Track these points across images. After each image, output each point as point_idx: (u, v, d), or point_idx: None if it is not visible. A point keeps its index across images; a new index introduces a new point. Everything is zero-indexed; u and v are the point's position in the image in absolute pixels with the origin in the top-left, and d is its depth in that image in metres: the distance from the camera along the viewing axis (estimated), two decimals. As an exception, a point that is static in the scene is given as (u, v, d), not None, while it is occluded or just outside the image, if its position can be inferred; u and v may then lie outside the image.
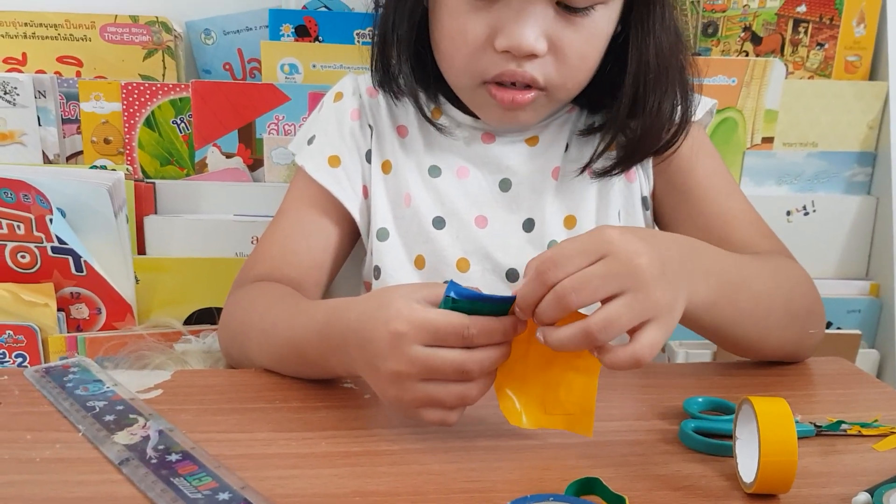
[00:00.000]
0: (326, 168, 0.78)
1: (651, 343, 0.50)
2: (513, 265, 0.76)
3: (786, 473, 0.47)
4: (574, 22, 0.67)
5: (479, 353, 0.51)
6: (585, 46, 0.69)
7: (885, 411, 0.61)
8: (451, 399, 0.52)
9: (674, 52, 0.73)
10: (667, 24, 0.72)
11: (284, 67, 1.02)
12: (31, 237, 0.90)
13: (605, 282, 0.49)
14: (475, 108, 0.75)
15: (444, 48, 0.71)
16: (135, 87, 0.99)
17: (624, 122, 0.74)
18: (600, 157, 0.75)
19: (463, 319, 0.50)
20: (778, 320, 0.66)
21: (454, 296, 0.51)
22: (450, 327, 0.50)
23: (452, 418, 0.53)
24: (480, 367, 0.51)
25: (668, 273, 0.52)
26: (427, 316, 0.51)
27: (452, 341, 0.51)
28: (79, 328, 0.94)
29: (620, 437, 0.57)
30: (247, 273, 0.77)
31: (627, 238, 0.51)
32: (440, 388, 0.52)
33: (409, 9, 0.73)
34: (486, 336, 0.51)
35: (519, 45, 0.66)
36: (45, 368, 0.64)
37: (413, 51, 0.74)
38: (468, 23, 0.68)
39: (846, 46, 1.09)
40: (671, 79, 0.73)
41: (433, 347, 0.51)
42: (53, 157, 1.00)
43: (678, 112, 0.74)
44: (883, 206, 1.10)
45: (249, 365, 0.69)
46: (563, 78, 0.70)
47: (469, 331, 0.50)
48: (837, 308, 1.08)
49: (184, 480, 0.48)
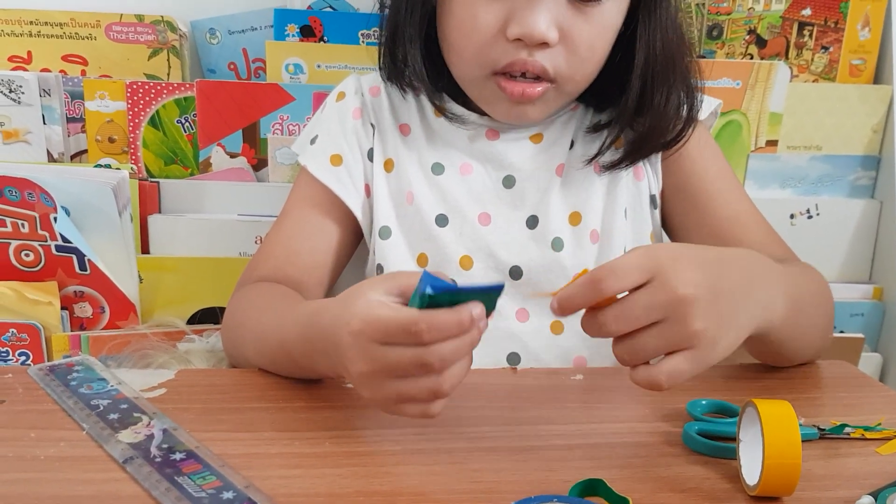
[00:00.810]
0: (328, 167, 0.78)
1: (672, 371, 0.50)
2: (516, 262, 0.76)
3: (789, 476, 0.47)
4: (585, 12, 0.68)
5: (438, 346, 0.48)
6: (595, 37, 0.69)
7: (889, 415, 0.61)
8: (423, 394, 0.50)
9: (679, 48, 0.73)
10: (672, 20, 0.72)
11: (289, 67, 1.02)
12: (35, 235, 0.90)
13: (647, 313, 0.49)
14: (482, 102, 0.75)
15: (454, 38, 0.71)
16: (139, 86, 0.99)
17: (631, 116, 0.74)
18: (607, 149, 0.76)
19: (412, 316, 0.48)
20: (820, 331, 0.68)
21: (430, 292, 0.47)
22: (397, 325, 0.48)
23: (434, 410, 0.51)
24: (441, 359, 0.48)
25: (720, 304, 0.51)
26: (379, 314, 0.49)
27: (403, 339, 0.48)
28: (82, 327, 0.94)
29: (624, 439, 0.57)
30: (250, 273, 0.77)
31: (680, 265, 0.50)
32: (409, 383, 0.50)
33: (420, 1, 0.72)
34: (436, 332, 0.47)
35: (531, 33, 0.66)
36: (49, 367, 0.64)
37: (424, 45, 0.74)
38: (480, 11, 0.68)
39: (851, 50, 1.09)
40: (678, 73, 0.73)
41: (389, 345, 0.49)
42: (58, 156, 1.00)
43: (685, 108, 0.75)
44: (886, 209, 1.10)
45: (248, 366, 0.69)
46: (573, 69, 0.70)
47: (418, 326, 0.47)
48: (841, 312, 1.08)
49: (188, 479, 0.48)
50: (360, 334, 0.50)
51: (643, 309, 0.49)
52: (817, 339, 0.69)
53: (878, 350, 1.11)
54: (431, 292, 0.47)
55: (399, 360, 0.49)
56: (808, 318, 0.65)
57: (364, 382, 0.52)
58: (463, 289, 0.48)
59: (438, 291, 0.47)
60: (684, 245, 0.55)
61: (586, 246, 0.76)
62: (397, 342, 0.49)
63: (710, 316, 0.50)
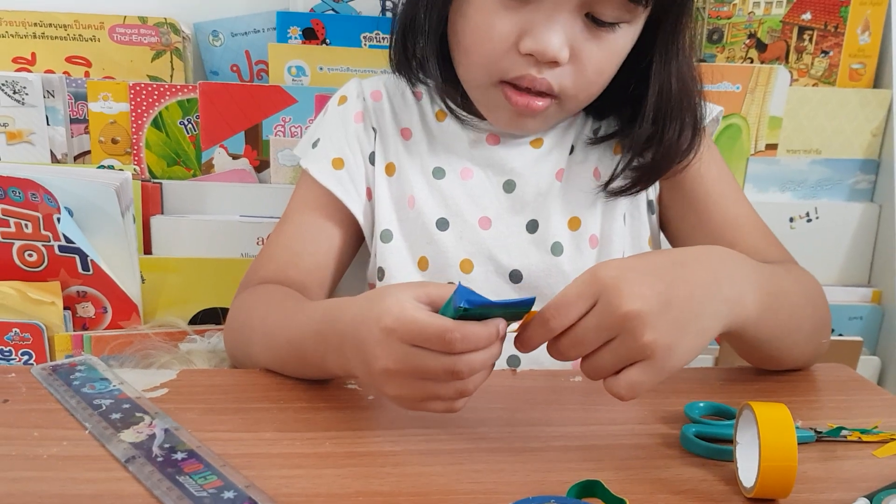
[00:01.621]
0: (330, 170, 0.78)
1: (629, 383, 0.51)
2: (517, 266, 0.76)
3: (785, 478, 0.47)
4: (599, 36, 0.68)
5: (469, 356, 0.50)
6: (604, 61, 0.70)
7: (886, 418, 0.61)
8: (450, 393, 0.52)
9: (693, 80, 0.74)
10: (686, 56, 0.73)
11: (291, 70, 1.02)
12: (38, 236, 0.90)
13: (598, 335, 0.51)
14: (485, 108, 0.75)
15: (467, 43, 0.71)
16: (143, 87, 0.99)
17: (641, 145, 0.74)
18: (618, 178, 0.76)
19: (447, 324, 0.49)
20: (806, 332, 0.67)
21: (465, 305, 0.49)
22: (433, 331, 0.50)
23: (458, 406, 0.53)
24: (470, 368, 0.51)
25: (672, 312, 0.51)
26: (415, 316, 0.50)
27: (436, 345, 0.50)
28: (85, 327, 0.95)
29: (622, 441, 0.57)
30: (252, 276, 0.77)
31: (624, 282, 0.51)
32: (437, 385, 0.52)
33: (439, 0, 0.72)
34: (469, 343, 0.50)
35: (544, 51, 0.66)
36: (52, 366, 0.65)
37: (439, 41, 0.74)
38: (497, 21, 0.68)
39: (851, 54, 1.10)
40: (689, 106, 0.74)
41: (420, 349, 0.51)
42: (61, 157, 1.01)
43: (689, 135, 0.75)
44: (886, 213, 1.10)
45: (251, 366, 0.69)
46: (577, 89, 0.70)
47: (452, 335, 0.49)
48: (839, 315, 1.08)
49: (189, 479, 0.49)
50: (391, 332, 0.51)
51: (593, 332, 0.51)
52: (804, 341, 0.68)
53: (876, 353, 1.11)
54: (467, 306, 0.49)
55: (428, 366, 0.51)
56: (791, 317, 0.64)
57: (388, 380, 0.53)
58: (496, 303, 0.50)
59: (474, 306, 0.49)
60: (636, 257, 0.56)
61: (585, 251, 0.77)
62: (427, 347, 0.50)
63: (661, 326, 0.51)
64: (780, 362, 0.69)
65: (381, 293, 0.54)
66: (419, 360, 0.51)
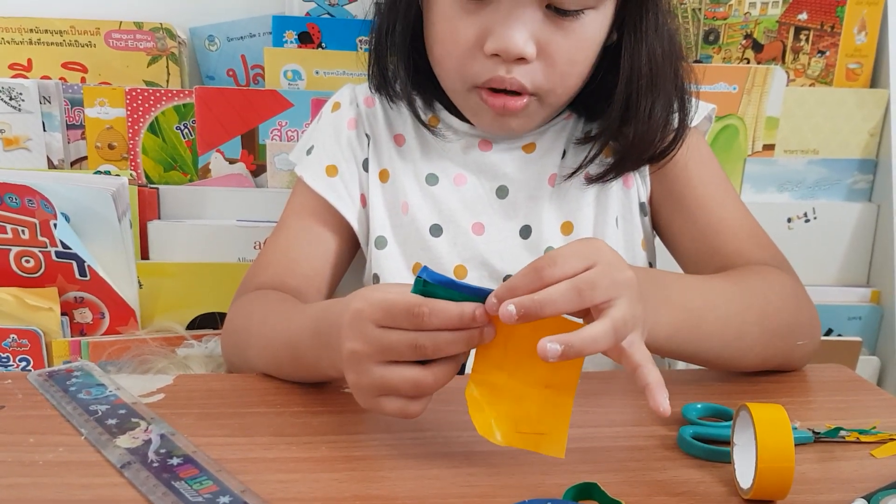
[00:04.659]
0: (324, 178, 0.78)
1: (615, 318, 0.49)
2: (510, 272, 0.76)
3: (783, 479, 0.47)
4: (563, 26, 0.68)
5: (435, 333, 0.50)
6: (574, 51, 0.69)
7: (884, 418, 0.61)
8: (406, 385, 0.51)
9: (668, 59, 0.73)
10: (660, 31, 0.72)
11: (287, 74, 1.02)
12: (35, 242, 0.90)
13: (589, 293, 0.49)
14: (468, 112, 0.75)
15: (437, 52, 0.72)
16: (139, 92, 1.00)
17: (617, 127, 0.74)
18: (591, 162, 0.76)
19: (417, 299, 0.50)
20: (755, 339, 0.66)
21: (426, 278, 0.50)
22: (402, 305, 0.49)
23: (413, 408, 0.52)
24: (434, 343, 0.50)
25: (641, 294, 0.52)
26: (384, 296, 0.51)
27: (404, 319, 0.49)
28: (82, 332, 0.95)
29: (619, 443, 0.57)
30: (249, 282, 0.77)
31: (615, 253, 0.52)
32: (394, 371, 0.51)
33: (402, 12, 0.73)
34: (439, 318, 0.49)
35: (507, 48, 0.66)
36: (48, 372, 0.65)
37: (408, 55, 0.75)
38: (458, 25, 0.68)
39: (847, 54, 1.10)
40: (664, 85, 0.73)
41: (386, 329, 0.50)
42: (58, 163, 1.01)
43: (675, 119, 0.74)
44: (884, 213, 1.10)
45: (248, 370, 0.69)
46: (552, 83, 0.70)
47: (420, 309, 0.49)
48: (838, 315, 1.08)
49: (185, 484, 0.48)
50: (359, 313, 0.51)
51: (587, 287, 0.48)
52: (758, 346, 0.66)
53: (875, 353, 1.11)
54: (427, 279, 0.50)
55: (393, 342, 0.50)
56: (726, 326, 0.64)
57: (352, 364, 0.52)
58: (459, 284, 0.50)
59: (435, 282, 0.50)
60: None
61: None
62: (396, 325, 0.50)
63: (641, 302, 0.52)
64: (735, 367, 0.69)
65: (369, 287, 0.55)
66: (385, 337, 0.50)
